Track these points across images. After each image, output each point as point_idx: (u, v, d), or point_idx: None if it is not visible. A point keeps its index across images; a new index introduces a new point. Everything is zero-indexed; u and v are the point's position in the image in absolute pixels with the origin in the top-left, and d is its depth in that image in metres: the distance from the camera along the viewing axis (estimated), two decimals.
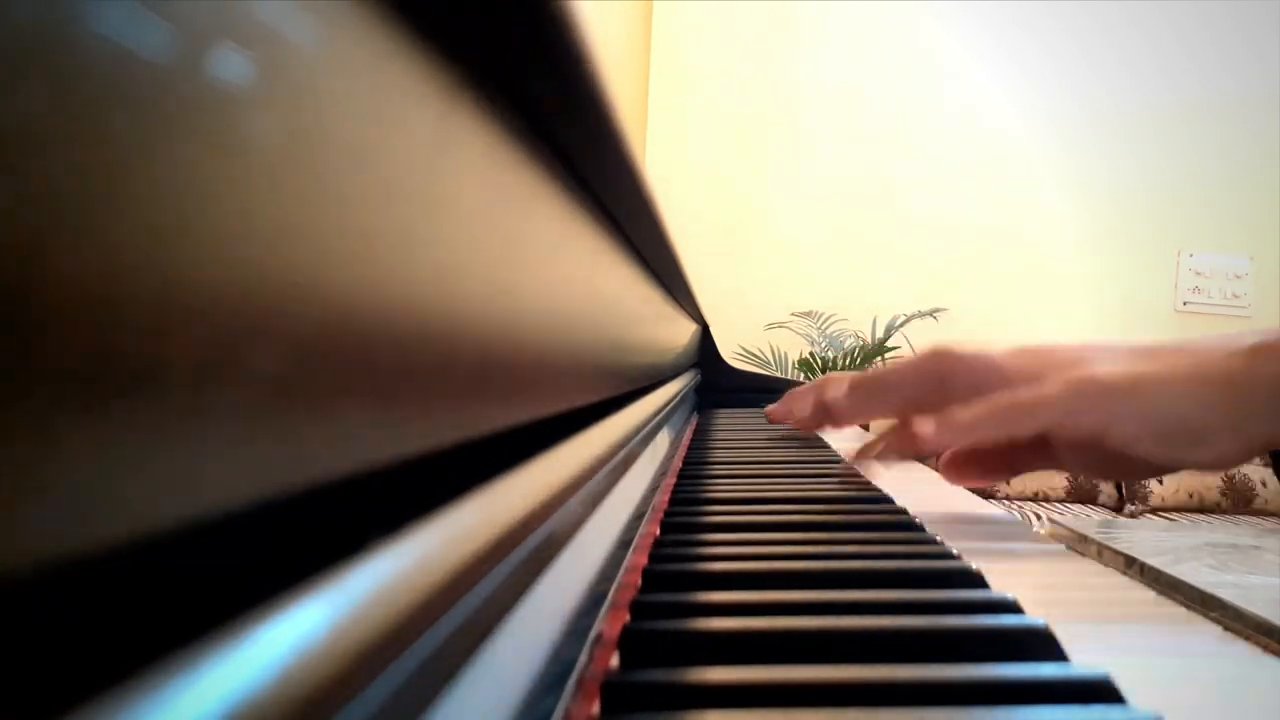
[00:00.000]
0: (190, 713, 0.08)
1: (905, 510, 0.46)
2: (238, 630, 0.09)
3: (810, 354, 3.00)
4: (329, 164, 0.12)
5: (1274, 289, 3.36)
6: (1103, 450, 0.45)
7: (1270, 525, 2.70)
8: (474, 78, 0.18)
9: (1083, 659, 0.25)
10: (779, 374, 2.83)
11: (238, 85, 0.10)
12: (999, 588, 0.31)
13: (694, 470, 0.60)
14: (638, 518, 0.36)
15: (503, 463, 0.20)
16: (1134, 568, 0.42)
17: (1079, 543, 0.49)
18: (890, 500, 0.50)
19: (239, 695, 0.08)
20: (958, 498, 0.57)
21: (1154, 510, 2.92)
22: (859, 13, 3.28)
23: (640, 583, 0.32)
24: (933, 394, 0.49)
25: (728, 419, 1.01)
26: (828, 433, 0.86)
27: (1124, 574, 0.40)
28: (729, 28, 3.26)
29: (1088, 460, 0.48)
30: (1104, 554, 0.46)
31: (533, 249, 0.24)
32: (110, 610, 0.10)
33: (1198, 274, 3.39)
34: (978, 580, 0.32)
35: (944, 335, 3.16)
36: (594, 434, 0.32)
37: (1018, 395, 0.45)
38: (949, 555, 0.36)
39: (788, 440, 0.79)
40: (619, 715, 0.21)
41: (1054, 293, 3.37)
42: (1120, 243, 3.38)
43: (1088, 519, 2.68)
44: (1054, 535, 0.49)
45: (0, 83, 0.07)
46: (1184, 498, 2.95)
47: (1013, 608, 0.29)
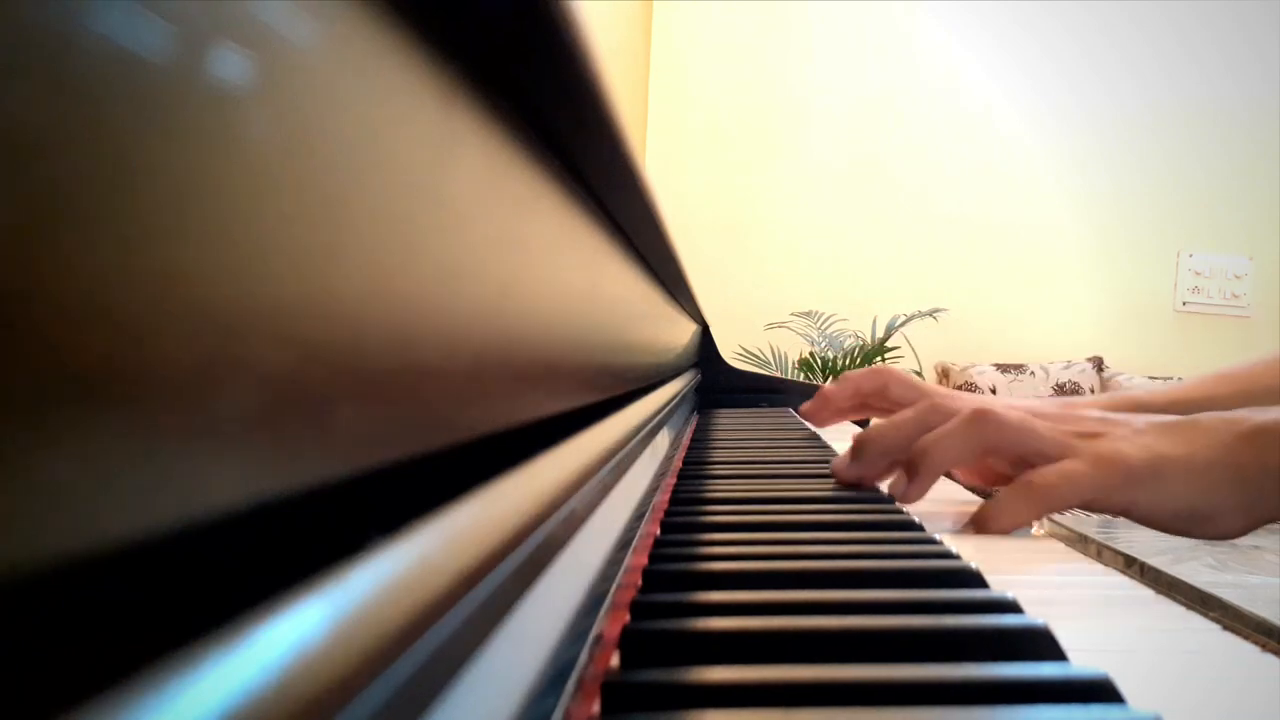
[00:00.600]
0: (190, 713, 0.08)
1: (905, 510, 0.46)
2: (238, 630, 0.09)
3: (810, 354, 3.00)
4: (329, 165, 0.12)
5: (1274, 289, 3.37)
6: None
7: (1270, 525, 2.70)
8: (474, 78, 0.18)
9: (1082, 659, 0.25)
10: (779, 374, 2.83)
11: (237, 85, 0.10)
12: (998, 587, 0.31)
13: (694, 470, 0.61)
14: (638, 517, 0.36)
15: (503, 462, 0.20)
16: (1134, 567, 0.42)
17: (1079, 542, 0.49)
18: (890, 500, 0.50)
19: (239, 695, 0.08)
20: (959, 494, 0.57)
21: None
22: (859, 13, 3.28)
23: (640, 583, 0.32)
24: (978, 456, 0.52)
25: (728, 419, 1.01)
26: (827, 433, 0.86)
27: (1124, 573, 0.40)
28: (729, 28, 3.26)
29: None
30: (1104, 553, 0.46)
31: (533, 249, 0.24)
32: (110, 610, 0.10)
33: (1197, 274, 3.39)
34: (977, 580, 0.32)
35: (944, 335, 3.17)
36: (594, 434, 0.32)
37: (1052, 481, 0.48)
38: (949, 555, 0.36)
39: (788, 440, 0.79)
40: (619, 715, 0.21)
41: (1054, 293, 3.37)
42: (1120, 243, 3.38)
43: (1087, 519, 2.68)
44: (1054, 535, 0.49)
45: (0, 83, 0.07)
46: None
47: (1012, 607, 0.29)
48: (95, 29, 0.07)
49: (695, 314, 1.08)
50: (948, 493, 0.58)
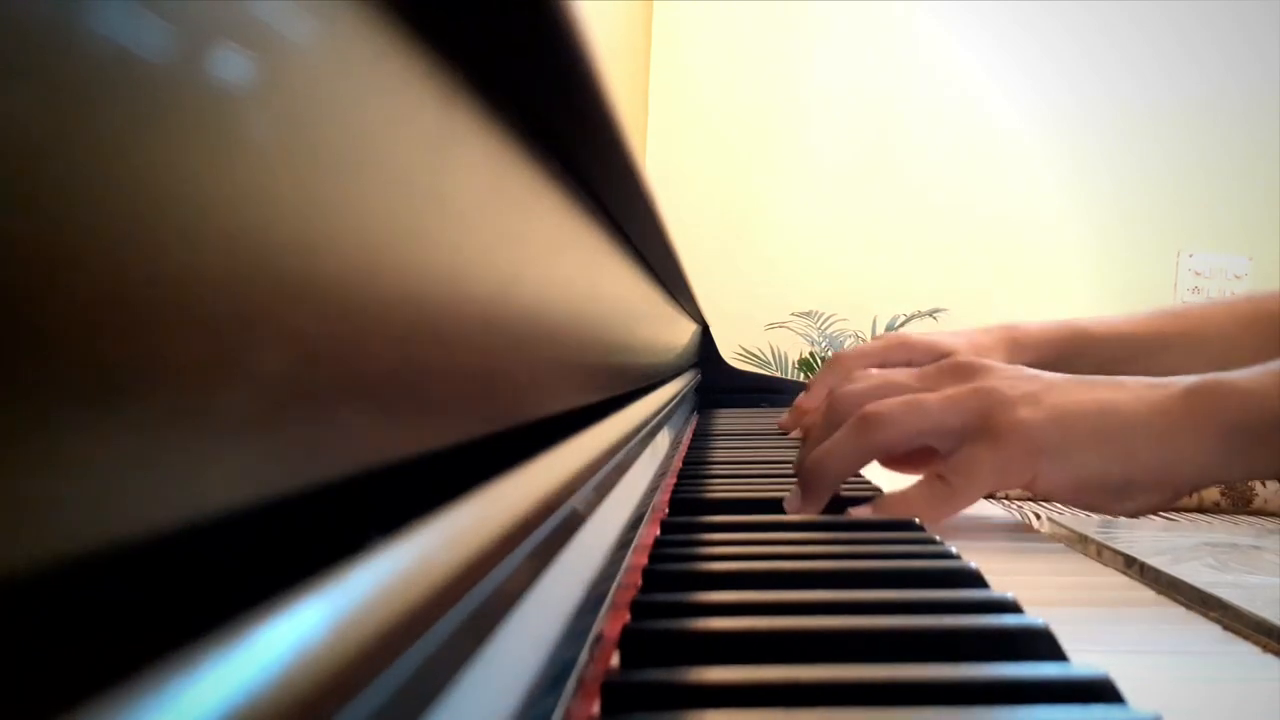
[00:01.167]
0: (190, 713, 0.08)
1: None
2: (238, 630, 0.09)
3: (810, 354, 3.00)
4: (328, 165, 0.12)
5: (1273, 289, 3.36)
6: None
7: (1270, 525, 2.70)
8: (474, 78, 0.18)
9: (1082, 659, 0.25)
10: (779, 374, 2.83)
11: (236, 86, 0.10)
12: (998, 587, 0.31)
13: (694, 470, 0.61)
14: (638, 517, 0.36)
15: (504, 462, 0.20)
16: (1134, 567, 0.42)
17: (1079, 542, 0.49)
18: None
19: (239, 695, 0.08)
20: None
21: (1153, 510, 2.92)
22: (859, 12, 3.28)
23: (641, 582, 0.32)
24: (871, 459, 0.50)
25: (727, 419, 1.01)
26: None
27: (1124, 574, 0.40)
28: (729, 28, 3.26)
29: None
30: (1103, 554, 0.46)
31: (533, 249, 0.24)
32: (110, 610, 0.10)
33: (1197, 274, 3.39)
34: (977, 580, 0.32)
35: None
36: (595, 434, 0.32)
37: (956, 484, 0.45)
38: (949, 555, 0.36)
39: (787, 440, 0.79)
40: (619, 715, 0.21)
41: (1054, 293, 3.37)
42: (1120, 242, 3.38)
43: (1087, 519, 2.67)
44: (1054, 535, 0.49)
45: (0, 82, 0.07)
46: (1184, 497, 2.94)
47: (1012, 607, 0.29)
48: (95, 29, 0.07)
49: (695, 314, 1.08)
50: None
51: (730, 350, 2.35)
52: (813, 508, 0.47)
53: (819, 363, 2.95)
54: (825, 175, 3.29)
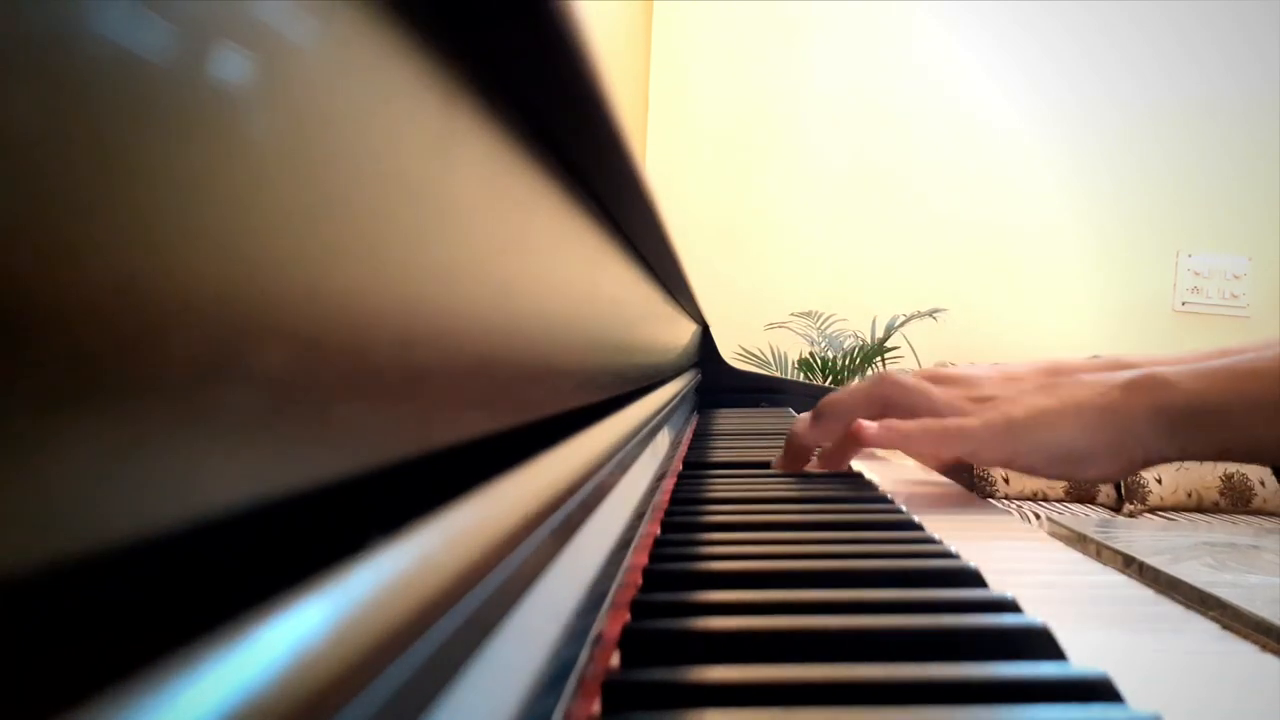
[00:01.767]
0: (190, 713, 0.08)
1: (904, 509, 0.46)
2: (238, 630, 0.09)
3: (810, 354, 3.00)
4: (328, 166, 0.12)
5: (1273, 289, 3.37)
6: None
7: (1269, 525, 2.70)
8: (474, 78, 0.18)
9: (1081, 658, 0.25)
10: (779, 374, 2.83)
11: (236, 86, 0.10)
12: (998, 587, 0.31)
13: (694, 470, 0.61)
14: (638, 517, 0.36)
15: (504, 462, 0.20)
16: (1133, 567, 0.42)
17: (1078, 542, 0.49)
18: (890, 500, 0.50)
19: (239, 695, 0.08)
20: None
21: (1152, 510, 2.92)
22: (859, 13, 3.28)
23: (641, 582, 0.32)
24: (878, 415, 0.60)
25: (727, 419, 1.01)
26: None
27: (1123, 573, 0.40)
28: (729, 28, 3.26)
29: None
30: (1103, 553, 0.46)
31: (533, 249, 0.24)
32: (110, 610, 0.10)
33: (1196, 274, 3.39)
34: (977, 579, 0.32)
35: (944, 335, 3.17)
36: (595, 433, 0.32)
37: (947, 424, 0.56)
38: (948, 554, 0.36)
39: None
40: (619, 714, 0.21)
41: (1053, 293, 3.37)
42: (1119, 243, 3.38)
43: (1086, 518, 2.68)
44: (1053, 534, 0.49)
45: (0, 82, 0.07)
46: (1182, 497, 2.94)
47: (1012, 607, 0.29)
48: (95, 29, 0.07)
49: (695, 314, 1.08)
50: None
51: (730, 350, 2.36)
52: (824, 435, 0.60)
53: (818, 362, 2.95)
54: (825, 175, 3.29)
